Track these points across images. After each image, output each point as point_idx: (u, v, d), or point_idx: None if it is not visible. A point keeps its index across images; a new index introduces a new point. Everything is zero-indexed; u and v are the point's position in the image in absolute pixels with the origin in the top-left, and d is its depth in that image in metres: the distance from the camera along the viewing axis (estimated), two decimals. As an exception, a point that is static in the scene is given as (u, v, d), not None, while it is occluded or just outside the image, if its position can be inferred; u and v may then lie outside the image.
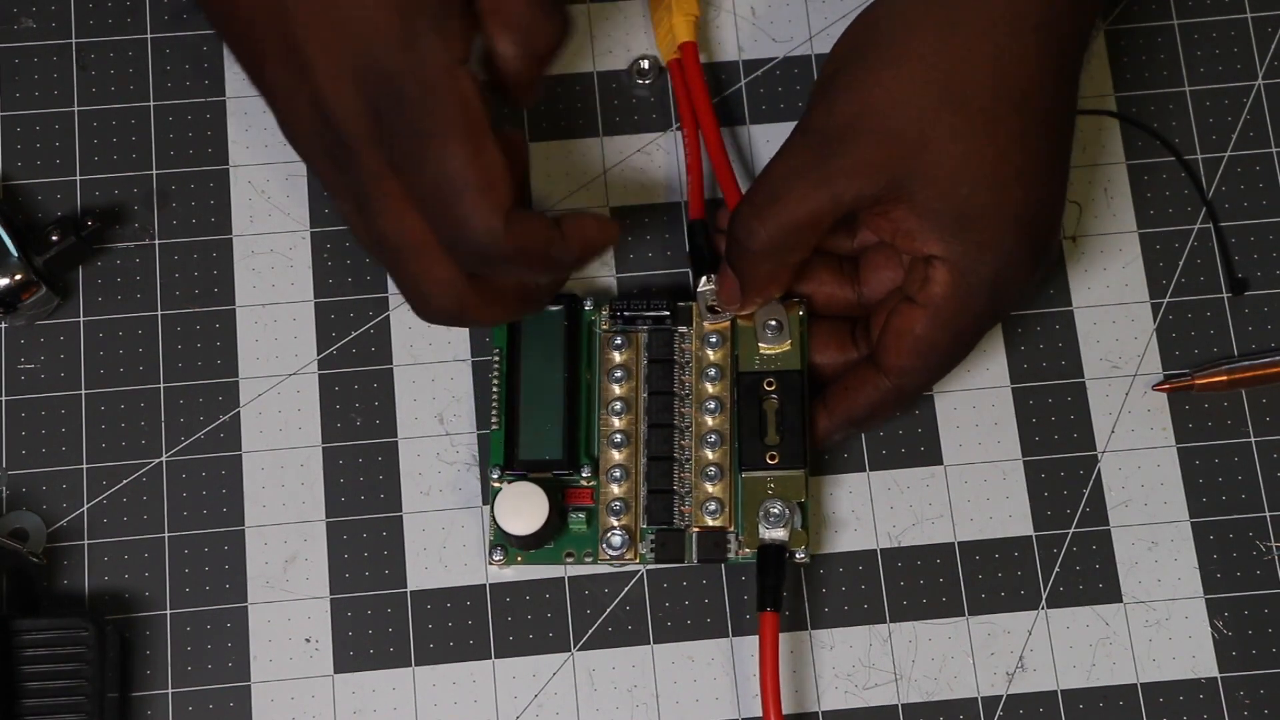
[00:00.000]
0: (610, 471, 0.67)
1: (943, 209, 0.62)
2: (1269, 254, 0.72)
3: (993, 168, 0.62)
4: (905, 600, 0.68)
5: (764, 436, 0.66)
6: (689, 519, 0.67)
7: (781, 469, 0.66)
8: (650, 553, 0.66)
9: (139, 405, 0.69)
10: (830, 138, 0.63)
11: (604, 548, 0.66)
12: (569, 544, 0.67)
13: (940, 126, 0.62)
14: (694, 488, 0.67)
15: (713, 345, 0.67)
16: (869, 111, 0.62)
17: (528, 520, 0.65)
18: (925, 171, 0.62)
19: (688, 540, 0.66)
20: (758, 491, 0.66)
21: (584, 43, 0.73)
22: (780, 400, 0.66)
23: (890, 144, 0.62)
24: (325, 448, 0.69)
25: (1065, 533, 0.68)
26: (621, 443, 0.67)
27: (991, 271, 0.63)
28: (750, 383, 0.67)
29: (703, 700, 0.67)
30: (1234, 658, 0.67)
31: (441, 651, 0.67)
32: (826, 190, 0.62)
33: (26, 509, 0.67)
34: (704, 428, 0.67)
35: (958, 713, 0.67)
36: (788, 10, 0.74)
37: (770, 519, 0.65)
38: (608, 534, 0.66)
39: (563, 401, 0.67)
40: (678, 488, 0.67)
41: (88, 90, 0.72)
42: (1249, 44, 0.74)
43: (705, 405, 0.67)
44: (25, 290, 0.68)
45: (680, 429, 0.67)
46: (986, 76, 0.62)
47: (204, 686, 0.66)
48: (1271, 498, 0.69)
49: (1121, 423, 0.70)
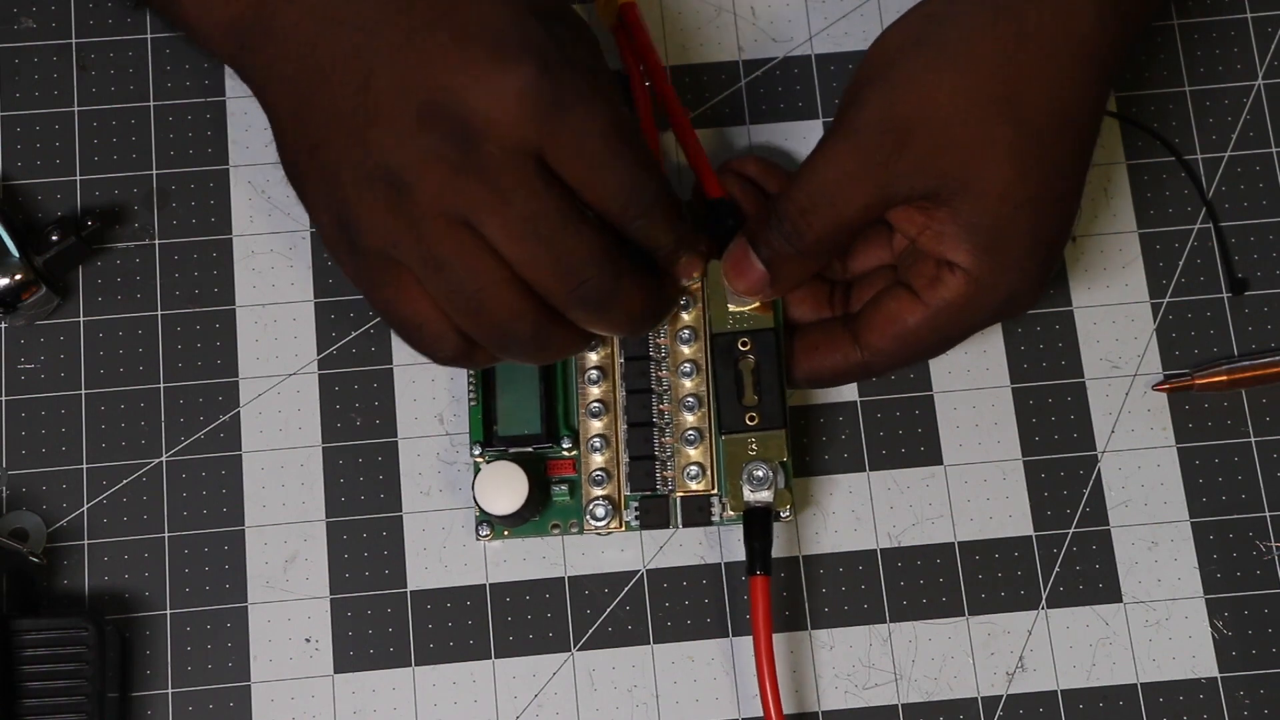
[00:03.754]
0: (590, 441, 0.67)
1: (983, 224, 0.61)
2: (1269, 254, 0.72)
3: (1038, 191, 0.61)
4: (905, 600, 0.68)
5: (742, 398, 0.66)
6: (672, 484, 0.66)
7: (762, 429, 0.66)
8: (635, 520, 0.66)
9: (139, 405, 0.69)
10: (887, 136, 0.61)
11: (588, 519, 0.66)
12: (554, 515, 0.67)
13: (1000, 142, 0.61)
14: (675, 452, 0.67)
15: (684, 307, 0.67)
16: (931, 111, 0.61)
17: (509, 499, 0.65)
18: (976, 184, 0.61)
19: (672, 506, 0.66)
20: (739, 453, 0.66)
21: (584, 43, 0.73)
22: (756, 360, 0.66)
23: (950, 149, 0.61)
24: (325, 448, 0.69)
25: (1065, 533, 0.68)
26: (599, 411, 0.67)
27: (1007, 292, 0.63)
28: (725, 344, 0.66)
29: (703, 700, 0.67)
30: (1234, 658, 0.67)
31: (441, 651, 0.67)
32: (884, 191, 0.61)
33: (26, 509, 0.67)
34: (682, 390, 0.67)
35: (958, 713, 0.67)
36: (788, 10, 0.74)
37: (754, 481, 0.65)
38: (591, 505, 0.66)
39: (538, 373, 0.66)
40: (658, 453, 0.67)
41: (88, 90, 0.72)
42: (1249, 44, 0.74)
43: (681, 369, 0.67)
44: (25, 290, 0.68)
45: (658, 394, 0.67)
46: (1046, 99, 0.61)
47: (204, 686, 0.66)
48: (1271, 498, 0.69)
49: (1121, 423, 0.70)
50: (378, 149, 0.58)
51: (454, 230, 0.58)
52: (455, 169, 0.58)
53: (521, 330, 0.60)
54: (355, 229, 0.60)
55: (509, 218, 0.58)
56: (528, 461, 0.65)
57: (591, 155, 0.59)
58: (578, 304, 0.60)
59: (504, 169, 0.58)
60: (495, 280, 0.59)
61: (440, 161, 0.58)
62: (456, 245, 0.58)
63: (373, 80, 0.58)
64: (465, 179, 0.58)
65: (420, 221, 0.58)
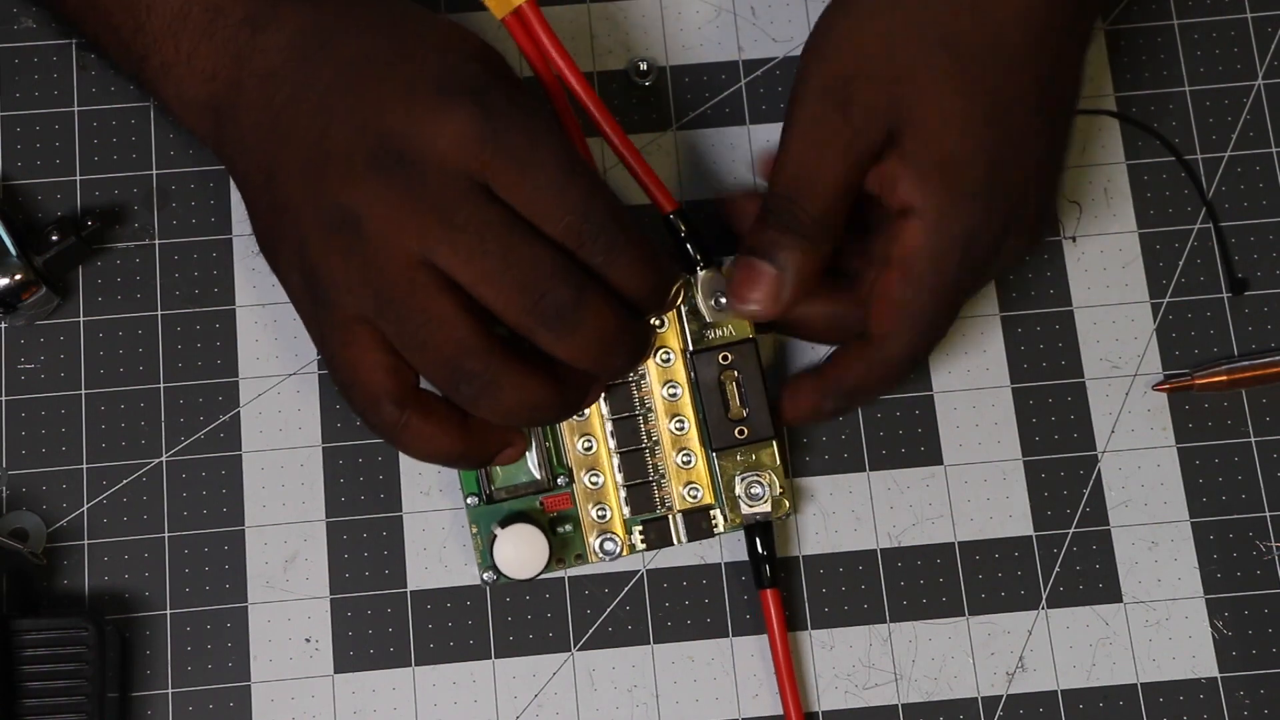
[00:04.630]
0: (587, 476, 0.67)
1: (927, 156, 0.62)
2: (1269, 254, 0.72)
3: (978, 113, 0.62)
4: (905, 600, 0.68)
5: (728, 412, 0.66)
6: (671, 502, 0.67)
7: (752, 441, 0.66)
8: (641, 543, 0.67)
9: (139, 405, 0.69)
10: (831, 95, 0.62)
11: (598, 553, 0.66)
12: (557, 551, 0.67)
13: (934, 70, 0.61)
14: (668, 473, 0.67)
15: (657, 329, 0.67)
16: (865, 60, 0.62)
17: (532, 563, 0.65)
18: (917, 116, 0.62)
19: (673, 523, 0.67)
20: (731, 466, 0.66)
21: (584, 43, 0.73)
22: (739, 372, 0.66)
23: (890, 87, 0.61)
24: (325, 448, 0.69)
25: (1065, 533, 0.68)
26: (589, 446, 0.67)
27: (962, 227, 0.62)
28: (705, 360, 0.66)
29: (703, 700, 0.67)
30: (1234, 658, 0.67)
31: (441, 651, 0.67)
32: (851, 150, 0.62)
33: (26, 509, 0.67)
34: (666, 411, 0.67)
35: (958, 713, 0.67)
36: (788, 10, 0.74)
37: (751, 497, 0.66)
38: (602, 540, 0.66)
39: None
40: (653, 476, 0.67)
41: (88, 90, 0.72)
42: (1249, 44, 0.74)
43: (664, 392, 0.67)
44: (25, 290, 0.68)
45: (644, 415, 0.67)
46: (973, 21, 0.62)
47: (204, 686, 0.66)
48: (1271, 498, 0.69)
49: (1121, 423, 0.70)
50: (332, 192, 0.60)
51: (409, 269, 0.59)
52: (404, 201, 0.59)
53: (472, 366, 0.59)
54: (316, 279, 0.60)
55: (458, 242, 0.58)
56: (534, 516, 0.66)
57: (534, 181, 0.59)
58: (540, 322, 0.59)
59: (451, 197, 0.58)
60: (446, 314, 0.59)
61: (389, 195, 0.59)
62: (409, 284, 0.59)
63: (329, 132, 0.60)
64: (414, 210, 0.58)
65: (374, 261, 0.59)
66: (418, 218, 0.59)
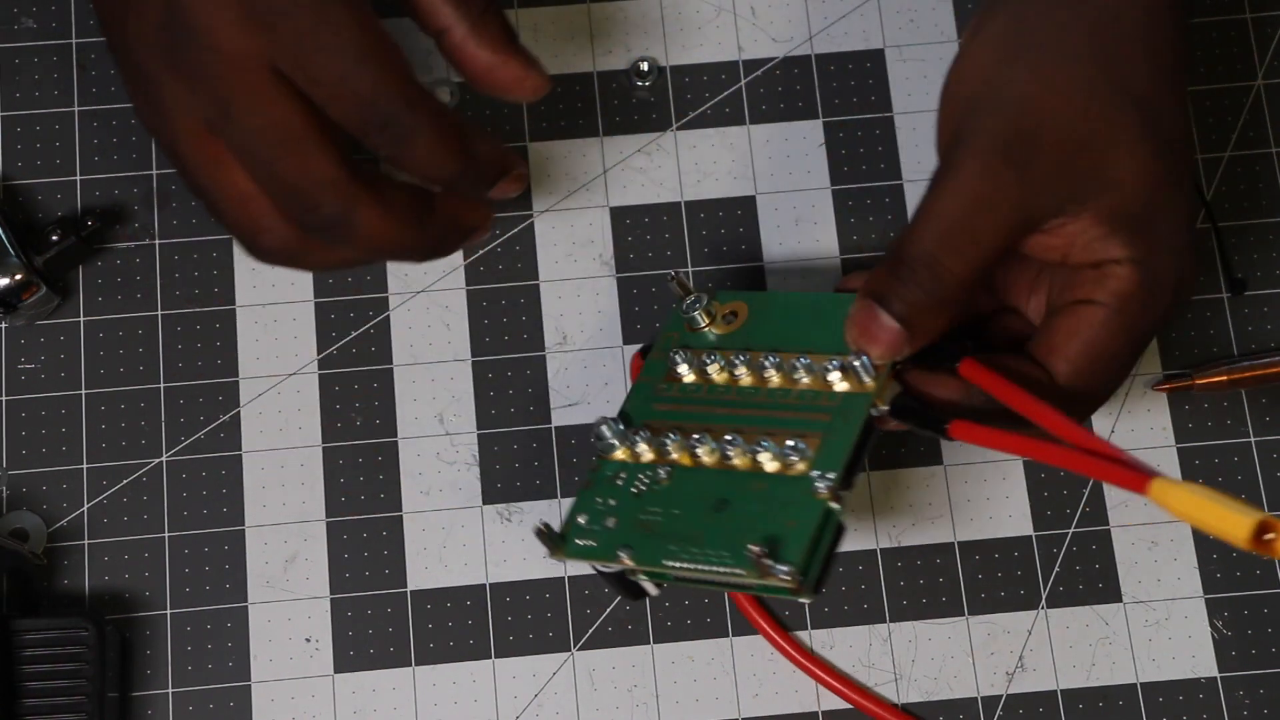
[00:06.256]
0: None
1: (1131, 212, 0.59)
2: (1269, 254, 0.72)
3: (1171, 162, 0.59)
4: (905, 600, 0.68)
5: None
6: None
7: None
8: None
9: (139, 405, 0.69)
10: (1014, 152, 0.58)
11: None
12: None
13: (1129, 126, 0.58)
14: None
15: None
16: (1052, 116, 0.58)
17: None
18: (1114, 174, 0.58)
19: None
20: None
21: (584, 43, 0.73)
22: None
23: (1081, 147, 0.58)
24: (325, 448, 0.69)
25: (1065, 533, 0.68)
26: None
27: (1172, 271, 0.59)
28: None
29: (703, 700, 0.67)
30: (1234, 658, 0.67)
31: (441, 651, 0.67)
32: (1025, 209, 0.58)
33: (26, 509, 0.67)
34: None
35: (958, 713, 0.67)
36: (788, 10, 0.74)
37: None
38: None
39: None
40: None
41: (88, 90, 0.72)
42: (1249, 44, 0.74)
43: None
44: (25, 290, 0.68)
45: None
46: (1147, 65, 0.59)
47: (204, 686, 0.66)
48: (1271, 498, 0.69)
49: (1121, 423, 0.70)
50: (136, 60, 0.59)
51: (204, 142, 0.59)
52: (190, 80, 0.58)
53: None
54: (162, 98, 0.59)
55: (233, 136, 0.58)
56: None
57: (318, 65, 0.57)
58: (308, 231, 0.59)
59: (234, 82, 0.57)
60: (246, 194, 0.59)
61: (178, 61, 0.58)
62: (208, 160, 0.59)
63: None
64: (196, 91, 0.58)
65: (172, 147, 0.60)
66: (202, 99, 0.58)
